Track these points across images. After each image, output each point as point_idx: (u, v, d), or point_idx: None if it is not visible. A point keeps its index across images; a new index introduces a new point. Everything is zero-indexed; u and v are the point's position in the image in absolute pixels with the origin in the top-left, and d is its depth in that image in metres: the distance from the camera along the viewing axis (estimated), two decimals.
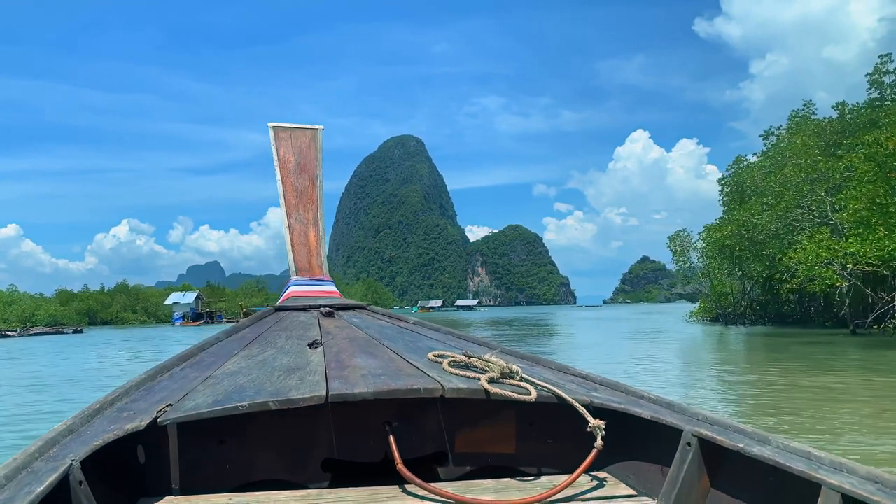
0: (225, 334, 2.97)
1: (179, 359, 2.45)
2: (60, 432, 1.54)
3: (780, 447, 1.46)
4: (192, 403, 1.74)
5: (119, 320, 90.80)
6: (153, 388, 2.03)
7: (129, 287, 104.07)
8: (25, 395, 12.08)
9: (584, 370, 2.38)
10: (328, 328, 3.02)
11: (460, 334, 3.02)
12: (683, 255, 44.08)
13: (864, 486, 1.21)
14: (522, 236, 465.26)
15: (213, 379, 2.06)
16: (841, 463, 1.31)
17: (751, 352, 19.36)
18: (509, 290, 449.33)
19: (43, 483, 1.22)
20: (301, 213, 4.06)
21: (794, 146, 29.54)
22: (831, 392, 9.74)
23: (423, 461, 1.96)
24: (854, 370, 12.83)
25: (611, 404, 1.93)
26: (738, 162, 38.89)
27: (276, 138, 4.19)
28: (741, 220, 30.99)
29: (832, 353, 17.31)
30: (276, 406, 1.71)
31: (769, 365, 14.21)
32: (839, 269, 22.84)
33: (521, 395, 1.86)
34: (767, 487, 1.48)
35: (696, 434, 1.65)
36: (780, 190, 28.68)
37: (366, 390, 1.79)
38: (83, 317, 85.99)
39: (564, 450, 2.01)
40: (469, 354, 2.17)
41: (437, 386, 1.85)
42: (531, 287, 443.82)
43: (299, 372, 2.04)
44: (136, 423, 1.63)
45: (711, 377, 12.36)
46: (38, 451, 1.40)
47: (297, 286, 3.82)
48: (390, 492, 1.76)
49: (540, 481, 1.87)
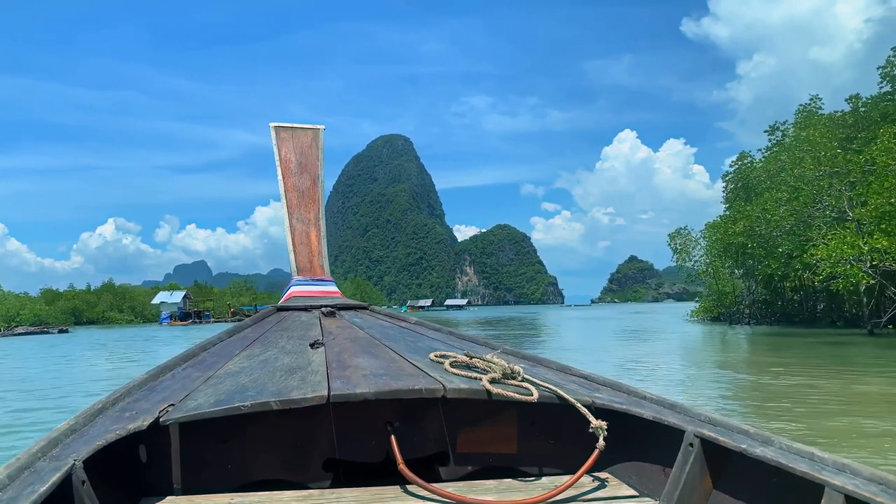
0: (227, 334, 2.96)
1: (181, 358, 2.44)
2: (63, 432, 1.53)
3: (783, 448, 1.45)
4: (194, 403, 1.75)
5: (105, 320, 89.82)
6: (155, 388, 2.03)
7: (116, 286, 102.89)
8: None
9: (585, 371, 2.38)
10: (330, 328, 3.01)
11: (462, 334, 3.01)
12: (684, 253, 43.10)
13: (867, 488, 1.20)
14: (510, 236, 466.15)
15: (214, 379, 2.06)
16: (844, 464, 1.30)
17: (771, 353, 17.84)
18: (497, 289, 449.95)
19: (46, 483, 1.22)
20: (302, 213, 4.04)
21: (812, 139, 28.27)
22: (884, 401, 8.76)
23: (424, 461, 1.96)
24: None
25: (613, 405, 1.94)
26: (742, 158, 38.09)
27: (278, 138, 4.17)
28: (753, 215, 29.65)
29: (862, 354, 16.32)
30: (278, 406, 1.71)
31: (800, 368, 13.09)
32: (864, 267, 21.91)
33: (523, 396, 1.86)
34: (770, 489, 1.48)
35: (699, 435, 1.64)
36: (798, 184, 27.40)
37: (367, 390, 1.79)
38: (69, 316, 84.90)
39: (566, 450, 2.01)
40: (471, 355, 2.17)
41: (438, 386, 1.85)
42: (519, 286, 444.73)
43: (301, 372, 2.04)
44: (139, 422, 1.63)
45: (738, 385, 11.05)
46: (41, 451, 1.40)
47: (298, 286, 3.80)
48: (392, 492, 1.76)
49: (541, 482, 1.87)
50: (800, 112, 34.09)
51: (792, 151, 30.13)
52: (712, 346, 21.75)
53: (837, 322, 31.04)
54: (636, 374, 12.54)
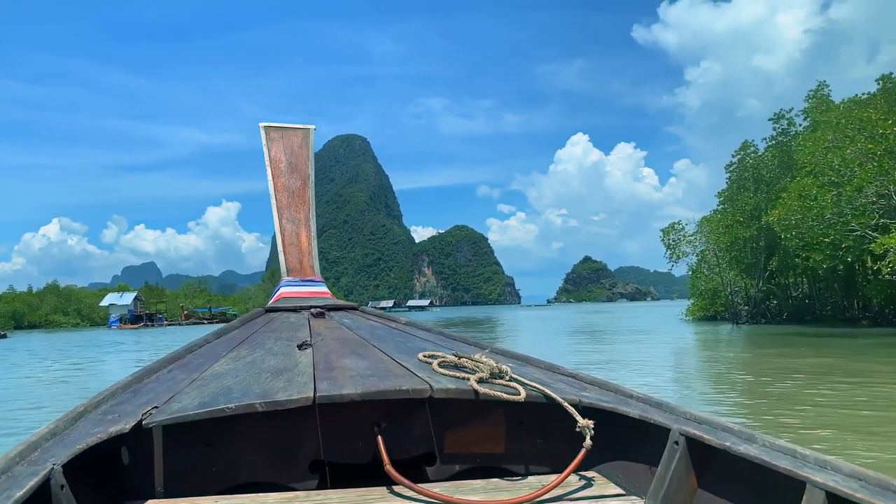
0: (214, 335, 2.92)
1: (166, 360, 2.40)
2: (43, 436, 1.52)
3: (765, 445, 1.47)
4: (178, 405, 1.73)
5: (49, 323, 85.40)
6: (139, 391, 1.99)
7: (61, 288, 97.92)
8: None
9: (573, 369, 2.37)
10: (318, 329, 2.98)
11: (451, 334, 3.00)
12: (677, 250, 40.65)
13: (848, 484, 1.23)
14: (468, 237, 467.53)
15: (199, 381, 2.02)
16: (826, 461, 1.32)
17: (837, 355, 15.15)
18: (455, 290, 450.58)
19: (23, 488, 1.21)
20: (292, 214, 4.01)
21: (865, 116, 25.10)
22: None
23: (411, 462, 1.94)
24: None
25: (600, 403, 1.94)
26: (745, 148, 35.89)
27: (268, 138, 4.14)
28: (793, 204, 26.34)
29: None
30: (263, 408, 1.70)
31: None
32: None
33: (511, 396, 1.86)
34: (754, 485, 1.50)
35: (684, 433, 1.66)
36: (854, 167, 24.68)
37: (354, 391, 1.78)
38: (7, 320, 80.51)
39: (553, 449, 2.01)
40: (459, 354, 2.16)
41: (425, 386, 1.84)
42: (477, 287, 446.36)
43: (287, 373, 2.02)
44: (121, 425, 1.61)
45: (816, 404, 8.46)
46: (19, 456, 1.39)
47: (287, 287, 3.76)
48: (378, 493, 1.75)
49: (529, 481, 1.88)
50: (812, 96, 32.57)
51: (841, 130, 26.42)
52: (754, 350, 18.57)
53: (862, 321, 29.03)
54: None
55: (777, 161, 32.95)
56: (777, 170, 32.72)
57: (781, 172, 32.38)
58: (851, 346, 18.33)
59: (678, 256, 40.85)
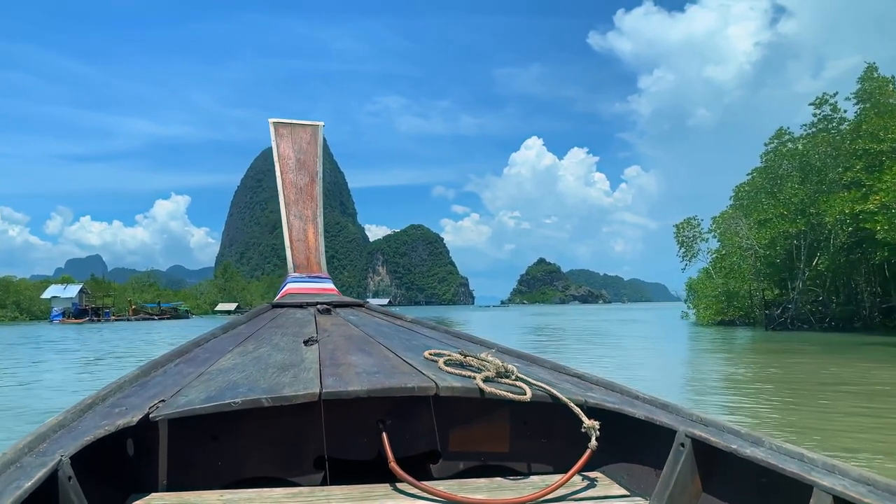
0: (221, 330, 2.92)
1: (174, 354, 2.41)
2: (51, 427, 1.52)
3: (773, 448, 1.47)
4: (185, 399, 1.74)
5: None
6: (146, 384, 1.99)
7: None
8: None
9: (579, 370, 2.38)
10: (324, 325, 2.99)
11: (458, 333, 3.01)
12: (693, 247, 37.63)
13: (856, 488, 1.21)
14: (424, 236, 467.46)
15: (206, 375, 2.03)
16: (834, 465, 1.31)
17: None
18: (409, 289, 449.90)
19: (31, 478, 1.21)
20: (300, 210, 4.02)
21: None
22: None
23: (415, 459, 1.95)
24: None
25: (605, 404, 1.95)
26: (780, 135, 31.79)
27: (277, 134, 4.14)
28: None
29: None
30: (269, 403, 1.71)
31: None
32: None
33: (516, 395, 1.87)
34: (760, 489, 1.50)
35: (690, 435, 1.66)
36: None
37: (359, 388, 1.79)
38: None
39: (558, 449, 2.02)
40: (465, 353, 2.17)
41: (431, 384, 1.85)
42: (431, 287, 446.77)
43: (293, 369, 2.02)
44: (128, 418, 1.62)
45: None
46: (28, 447, 1.39)
47: (294, 283, 3.79)
48: (382, 490, 1.76)
49: (533, 481, 1.88)
50: (864, 77, 28.03)
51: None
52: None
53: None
54: None
55: (831, 148, 28.38)
56: (828, 158, 28.48)
57: (834, 162, 28.29)
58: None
59: (693, 255, 37.79)
